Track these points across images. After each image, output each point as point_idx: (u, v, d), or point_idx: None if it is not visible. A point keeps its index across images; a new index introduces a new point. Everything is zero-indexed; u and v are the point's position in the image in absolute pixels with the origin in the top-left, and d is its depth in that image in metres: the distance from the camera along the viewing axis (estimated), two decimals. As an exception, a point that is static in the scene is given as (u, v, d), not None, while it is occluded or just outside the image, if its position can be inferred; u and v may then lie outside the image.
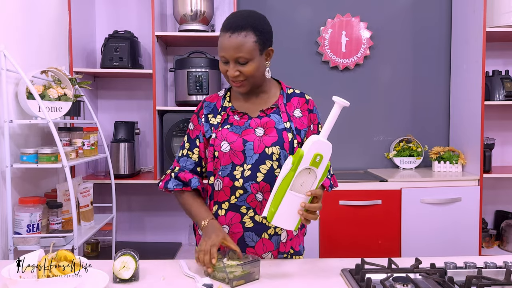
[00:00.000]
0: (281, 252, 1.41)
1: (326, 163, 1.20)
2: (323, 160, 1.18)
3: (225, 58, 1.33)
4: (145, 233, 3.01)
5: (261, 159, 1.35)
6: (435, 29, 3.03)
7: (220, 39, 1.34)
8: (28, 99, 1.86)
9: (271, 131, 1.38)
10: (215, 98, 1.49)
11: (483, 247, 2.80)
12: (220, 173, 1.37)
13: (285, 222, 1.20)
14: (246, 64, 1.33)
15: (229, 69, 1.34)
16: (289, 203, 1.18)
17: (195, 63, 2.64)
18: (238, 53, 1.31)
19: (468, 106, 2.76)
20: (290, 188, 1.18)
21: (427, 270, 1.19)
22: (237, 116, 1.41)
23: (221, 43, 1.33)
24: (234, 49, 1.31)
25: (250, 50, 1.31)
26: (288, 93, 1.46)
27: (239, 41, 1.30)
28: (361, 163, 3.06)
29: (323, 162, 1.19)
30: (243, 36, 1.30)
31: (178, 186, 1.41)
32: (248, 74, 1.33)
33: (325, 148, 1.19)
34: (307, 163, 1.17)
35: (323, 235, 2.54)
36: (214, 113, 1.44)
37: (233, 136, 1.37)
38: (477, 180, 2.61)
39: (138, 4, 2.91)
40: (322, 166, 1.19)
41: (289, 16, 3.01)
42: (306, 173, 1.19)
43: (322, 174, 1.20)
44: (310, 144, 1.18)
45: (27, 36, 2.07)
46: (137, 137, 2.81)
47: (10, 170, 1.81)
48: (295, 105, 1.44)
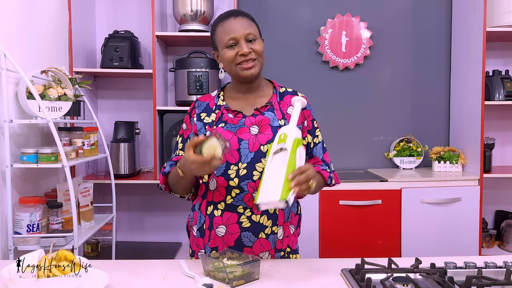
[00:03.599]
0: (278, 250, 1.40)
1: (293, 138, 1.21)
2: (288, 136, 1.21)
3: (234, 39, 1.35)
4: (145, 233, 3.01)
5: (256, 158, 1.35)
6: (435, 29, 3.04)
7: (223, 24, 1.38)
8: (28, 99, 1.86)
9: (265, 129, 1.38)
10: (208, 97, 1.49)
11: (483, 247, 2.80)
12: (215, 172, 1.37)
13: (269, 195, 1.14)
14: (255, 42, 1.37)
15: (241, 48, 1.35)
16: (268, 177, 1.18)
17: (195, 63, 2.64)
18: (248, 29, 1.36)
19: (468, 106, 2.76)
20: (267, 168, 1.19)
21: (427, 270, 1.19)
22: (231, 114, 1.41)
23: (228, 27, 1.36)
24: (244, 27, 1.36)
25: (256, 29, 1.40)
26: (280, 92, 1.47)
27: (246, 21, 1.38)
28: (361, 163, 3.06)
29: (288, 137, 1.21)
30: (247, 19, 1.39)
31: (172, 165, 1.39)
32: (258, 50, 1.37)
33: (288, 129, 1.23)
34: (275, 144, 1.22)
35: (323, 235, 2.54)
36: (208, 112, 1.44)
37: (228, 135, 1.37)
38: (477, 180, 2.61)
39: (138, 4, 2.91)
40: (289, 140, 1.21)
41: (289, 16, 3.01)
42: (281, 154, 1.20)
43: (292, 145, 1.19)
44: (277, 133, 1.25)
45: (27, 36, 2.07)
46: (137, 137, 2.81)
47: (10, 170, 1.81)
48: (288, 103, 1.45)
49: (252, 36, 1.36)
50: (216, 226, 1.38)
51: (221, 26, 1.38)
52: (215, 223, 1.38)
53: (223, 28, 1.37)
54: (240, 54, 1.35)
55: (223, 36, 1.37)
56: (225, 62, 1.40)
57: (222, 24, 1.38)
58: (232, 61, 1.37)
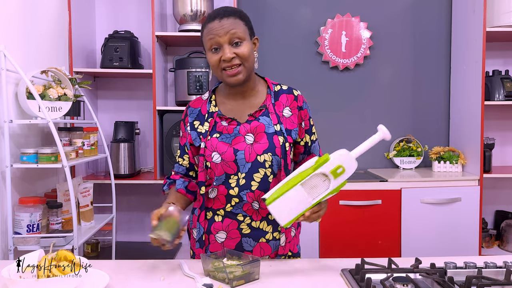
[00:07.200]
0: (279, 255, 1.40)
1: (344, 179, 1.18)
2: (343, 174, 1.17)
3: (217, 43, 1.29)
4: (145, 233, 3.00)
5: (254, 168, 1.32)
6: (435, 29, 3.03)
7: (208, 27, 1.30)
8: (28, 99, 1.86)
9: (261, 137, 1.34)
10: (199, 102, 1.44)
11: (483, 247, 2.80)
12: (215, 183, 1.36)
13: (280, 213, 1.17)
14: (241, 45, 1.30)
15: (224, 53, 1.28)
16: (292, 197, 1.16)
17: (195, 63, 2.64)
18: (232, 31, 1.28)
19: (468, 106, 2.76)
20: (301, 183, 1.16)
21: (427, 270, 1.19)
22: (225, 122, 1.37)
23: (211, 29, 1.29)
24: (227, 30, 1.28)
25: (243, 30, 1.31)
26: (275, 91, 1.42)
27: (231, 22, 1.29)
28: (361, 163, 3.01)
29: (342, 176, 1.17)
30: (233, 19, 1.30)
31: (171, 184, 1.49)
32: (243, 55, 1.29)
33: (350, 165, 1.18)
34: (328, 169, 1.17)
35: (323, 235, 2.54)
36: (201, 120, 1.40)
37: (223, 146, 1.33)
38: (477, 180, 2.61)
39: (138, 4, 2.91)
40: (339, 179, 1.18)
41: (289, 16, 3.01)
42: (321, 179, 1.18)
43: (336, 187, 1.18)
44: (340, 154, 1.17)
45: (27, 36, 2.07)
46: (137, 137, 2.81)
47: (10, 170, 1.81)
48: (284, 104, 1.40)
49: (237, 38, 1.29)
50: (216, 231, 1.38)
51: (206, 28, 1.32)
52: (215, 229, 1.38)
53: (208, 31, 1.31)
54: (223, 60, 1.29)
55: (206, 39, 1.31)
56: (211, 66, 1.36)
57: (207, 26, 1.31)
58: (216, 66, 1.32)
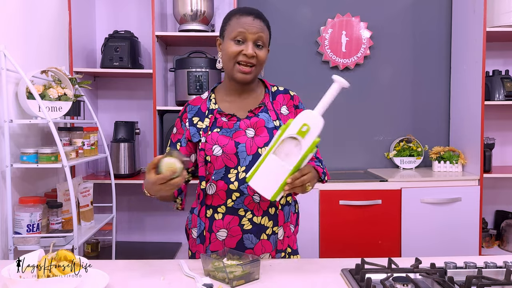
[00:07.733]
0: (279, 251, 1.40)
1: (313, 137, 1.15)
2: (310, 131, 1.15)
3: (244, 37, 1.34)
4: (145, 233, 3.01)
5: (254, 161, 1.32)
6: (435, 29, 3.04)
7: (241, 19, 1.35)
8: (28, 99, 1.86)
9: (261, 131, 1.37)
10: (199, 101, 1.46)
11: (483, 247, 2.81)
12: (213, 177, 1.36)
13: (263, 187, 1.17)
14: (262, 49, 1.36)
15: (247, 48, 1.33)
16: (269, 167, 1.15)
17: (195, 63, 2.64)
18: (261, 34, 1.35)
19: (468, 106, 2.76)
20: (273, 152, 1.16)
21: (427, 270, 1.19)
22: (225, 118, 1.39)
23: (244, 23, 1.34)
24: (258, 30, 1.34)
25: (267, 37, 1.38)
26: (272, 91, 1.46)
27: (262, 26, 1.36)
28: (361, 163, 3.06)
29: (310, 133, 1.15)
30: (263, 24, 1.37)
31: None
32: (261, 58, 1.36)
33: (314, 121, 1.16)
34: (293, 131, 1.15)
35: (323, 235, 2.54)
36: (201, 117, 1.41)
37: (224, 139, 1.35)
38: (477, 180, 2.61)
39: (138, 4, 2.91)
40: (308, 138, 1.15)
41: (289, 15, 3.01)
42: (293, 144, 1.16)
43: (308, 148, 1.15)
44: (301, 114, 1.17)
45: (27, 36, 2.07)
46: (137, 137, 2.81)
47: (10, 170, 1.81)
48: (281, 103, 1.44)
49: (261, 42, 1.35)
50: (217, 229, 1.38)
51: (237, 18, 1.35)
52: (216, 227, 1.38)
53: (239, 21, 1.35)
54: (243, 54, 1.34)
55: (235, 27, 1.34)
56: (225, 55, 1.37)
57: (239, 17, 1.35)
58: (233, 56, 1.35)
